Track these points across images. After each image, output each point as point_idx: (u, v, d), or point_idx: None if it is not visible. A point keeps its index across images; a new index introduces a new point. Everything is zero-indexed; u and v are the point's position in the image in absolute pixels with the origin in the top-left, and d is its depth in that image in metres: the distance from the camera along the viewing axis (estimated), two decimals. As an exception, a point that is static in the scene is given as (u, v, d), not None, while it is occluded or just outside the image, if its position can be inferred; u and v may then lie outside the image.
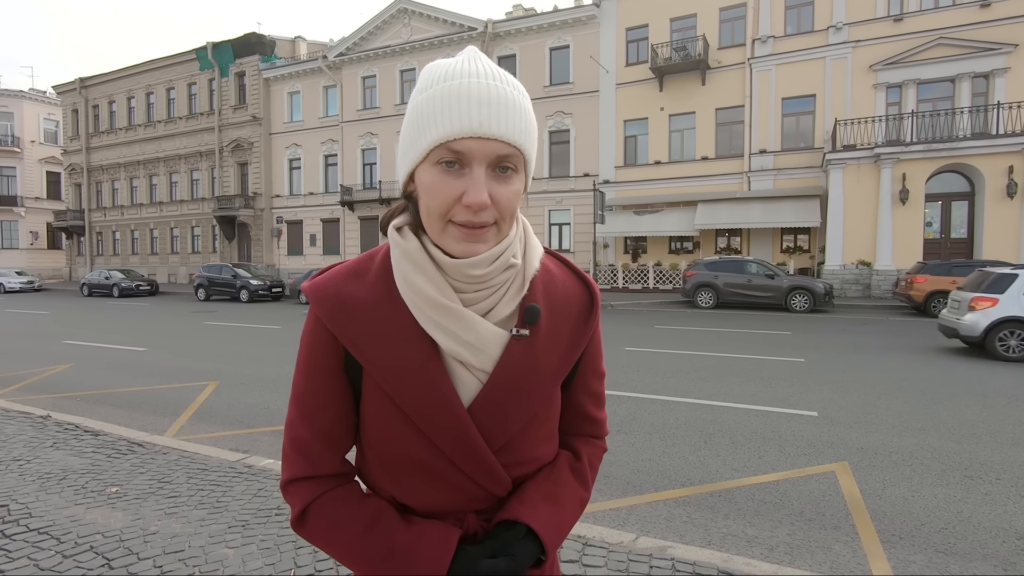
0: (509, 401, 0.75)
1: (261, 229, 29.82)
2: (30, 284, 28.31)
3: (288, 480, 0.78)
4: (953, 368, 7.28)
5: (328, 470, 0.78)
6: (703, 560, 2.54)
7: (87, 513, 3.05)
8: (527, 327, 0.75)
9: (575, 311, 0.81)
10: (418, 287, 0.71)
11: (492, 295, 0.74)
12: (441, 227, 0.69)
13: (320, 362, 0.76)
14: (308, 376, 0.77)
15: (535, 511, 0.76)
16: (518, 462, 0.79)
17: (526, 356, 0.75)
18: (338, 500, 0.77)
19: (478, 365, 0.73)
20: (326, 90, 28.38)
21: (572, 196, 23.07)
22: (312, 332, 0.77)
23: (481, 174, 0.66)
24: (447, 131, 0.66)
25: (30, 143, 38.37)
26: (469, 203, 0.66)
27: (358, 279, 0.76)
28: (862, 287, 17.04)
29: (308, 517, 0.77)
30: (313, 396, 0.77)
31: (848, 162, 17.17)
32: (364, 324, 0.73)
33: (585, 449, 0.88)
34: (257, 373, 7.33)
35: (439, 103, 0.67)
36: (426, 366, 0.72)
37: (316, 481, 0.78)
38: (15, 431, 4.53)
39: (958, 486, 3.59)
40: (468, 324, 0.71)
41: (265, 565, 2.52)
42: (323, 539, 0.77)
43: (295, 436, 0.78)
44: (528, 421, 0.77)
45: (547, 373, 0.77)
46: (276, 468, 3.70)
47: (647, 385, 6.38)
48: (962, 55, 17.38)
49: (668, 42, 21.01)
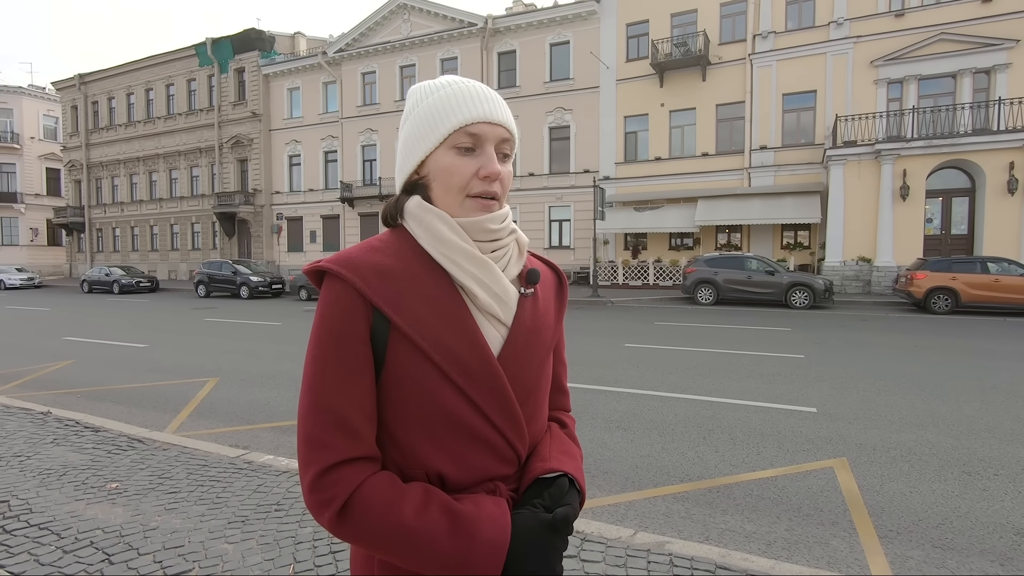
0: (526, 353, 0.84)
1: (261, 226, 29.81)
2: (30, 281, 28.30)
3: (327, 467, 0.72)
4: (953, 364, 7.29)
5: (370, 450, 0.76)
6: (701, 555, 2.54)
7: (87, 509, 3.06)
8: (531, 287, 0.88)
9: (551, 285, 0.96)
10: (455, 243, 0.80)
11: (503, 257, 0.85)
12: (460, 200, 0.81)
13: (351, 329, 0.76)
14: (340, 346, 0.75)
15: (563, 463, 0.85)
16: (533, 415, 0.86)
17: (533, 312, 0.87)
18: (387, 480, 0.75)
19: (501, 318, 0.82)
20: (326, 86, 28.32)
21: (572, 192, 23.05)
22: (338, 301, 0.76)
23: (492, 152, 0.81)
24: (466, 117, 0.79)
25: (29, 139, 38.32)
26: (487, 173, 0.80)
27: (378, 252, 0.81)
28: (862, 283, 17.03)
29: (355, 505, 0.72)
30: (348, 366, 0.75)
31: (849, 158, 17.14)
32: (400, 286, 0.78)
33: (567, 419, 0.99)
34: (257, 369, 7.34)
35: (455, 99, 0.81)
36: (463, 321, 0.79)
37: (362, 463, 0.74)
38: (16, 427, 4.54)
39: (956, 482, 3.60)
40: (497, 277, 0.82)
41: (264, 561, 2.53)
42: (375, 526, 0.72)
43: (332, 416, 0.74)
44: (539, 375, 0.87)
45: (548, 329, 0.89)
46: (276, 464, 3.71)
47: (646, 381, 6.38)
48: (963, 51, 17.33)
49: (669, 38, 20.96)
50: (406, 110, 0.87)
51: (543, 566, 0.74)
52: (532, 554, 0.74)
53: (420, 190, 0.84)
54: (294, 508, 3.04)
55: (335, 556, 2.55)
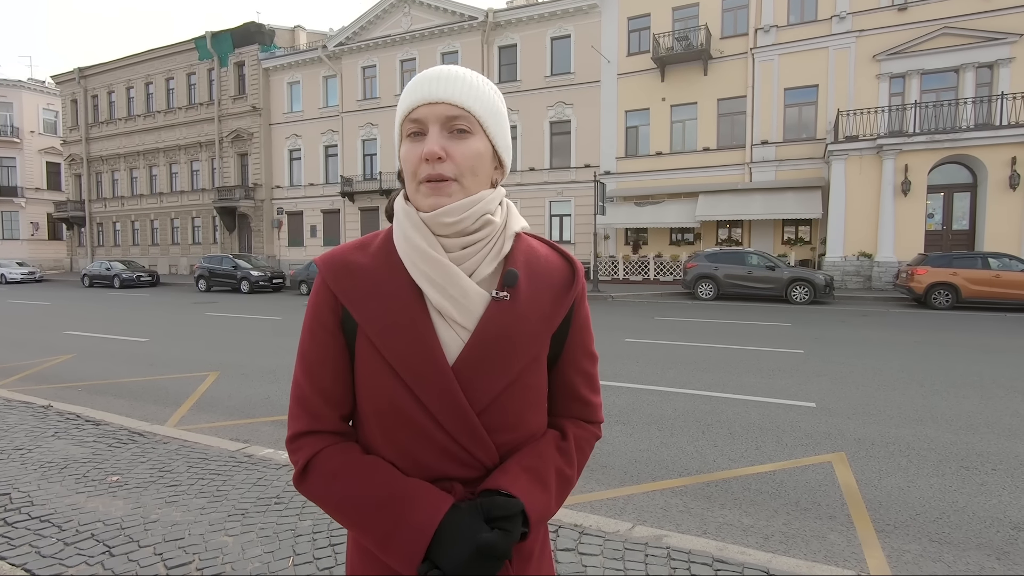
0: (490, 360, 0.80)
1: (261, 220, 29.80)
2: (31, 275, 28.33)
3: (292, 436, 0.84)
4: (952, 360, 7.29)
5: (329, 426, 0.84)
6: (698, 549, 2.56)
7: (88, 501, 3.08)
8: (506, 290, 0.82)
9: (556, 281, 0.87)
10: (414, 241, 0.80)
11: (475, 255, 0.81)
12: (415, 187, 0.80)
13: (322, 320, 0.84)
14: (311, 334, 0.85)
15: (516, 481, 0.79)
16: (503, 426, 0.82)
17: (506, 317, 0.81)
18: (339, 452, 0.82)
19: (461, 321, 0.80)
20: (326, 80, 28.23)
21: (573, 187, 23.00)
22: (316, 294, 0.85)
23: (435, 132, 0.78)
24: (408, 104, 0.80)
25: (29, 133, 38.21)
26: (424, 154, 0.77)
27: (362, 250, 0.86)
28: (863, 279, 17.02)
29: (310, 470, 0.81)
30: (314, 353, 0.84)
31: (850, 153, 17.09)
32: (363, 285, 0.82)
33: (573, 430, 0.90)
34: (257, 364, 7.36)
35: (406, 91, 0.83)
36: (414, 322, 0.80)
37: (318, 436, 0.83)
38: (17, 421, 4.56)
39: (954, 476, 3.61)
40: (454, 278, 0.79)
41: (264, 553, 2.54)
42: (323, 490, 0.80)
43: (299, 393, 0.85)
44: (510, 383, 0.81)
45: (527, 336, 0.82)
46: (276, 458, 3.73)
47: (646, 376, 6.39)
48: (966, 45, 17.24)
49: (670, 32, 20.86)
50: None
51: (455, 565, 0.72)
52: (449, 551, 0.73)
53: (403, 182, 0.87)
54: (294, 501, 3.06)
55: (334, 549, 2.57)
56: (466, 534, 0.73)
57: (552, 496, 0.82)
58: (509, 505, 0.75)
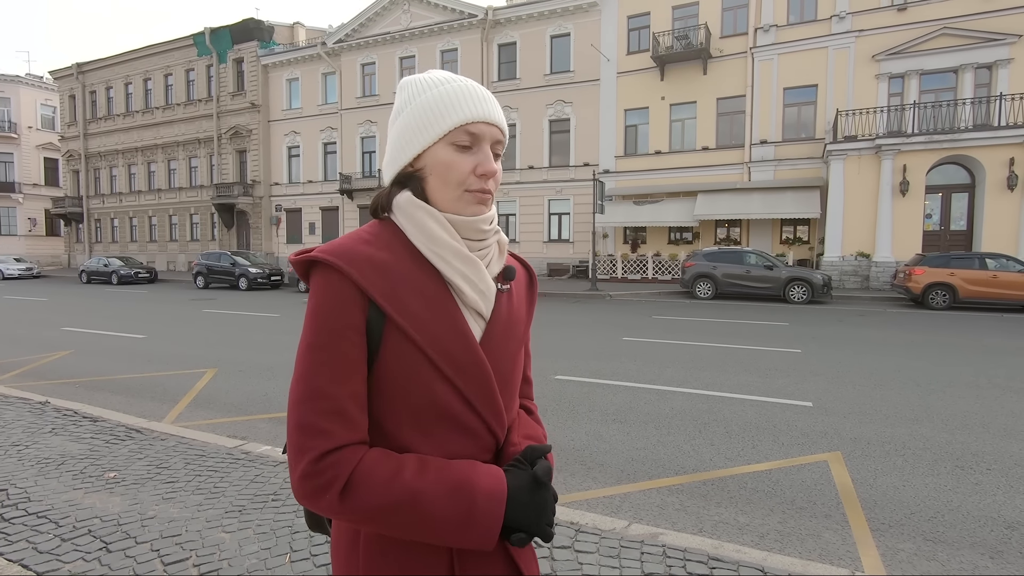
0: (503, 346, 0.89)
1: (260, 217, 29.75)
2: (28, 271, 28.29)
3: (324, 453, 0.74)
4: (949, 360, 7.31)
5: (363, 435, 0.78)
6: (694, 547, 2.57)
7: (85, 498, 3.08)
8: (507, 283, 0.92)
9: (523, 283, 1.00)
10: (446, 241, 0.83)
11: (488, 254, 0.89)
12: (457, 195, 0.84)
13: (349, 319, 0.77)
14: (335, 336, 0.77)
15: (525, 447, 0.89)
16: (509, 404, 0.91)
17: (509, 307, 0.91)
18: (382, 456, 0.77)
19: (483, 312, 0.87)
20: (325, 77, 28.18)
21: (572, 185, 23.00)
22: (334, 292, 0.77)
23: (489, 152, 0.85)
24: (467, 116, 0.82)
25: (27, 129, 38.11)
26: (485, 172, 0.83)
27: (372, 245, 0.82)
28: (861, 279, 17.05)
29: (355, 484, 0.74)
30: (344, 356, 0.77)
31: (849, 153, 17.12)
32: (394, 279, 0.80)
33: (532, 406, 1.05)
34: (255, 361, 7.36)
35: (456, 97, 0.83)
36: (452, 314, 0.83)
37: (357, 447, 0.77)
38: (14, 416, 4.55)
39: (949, 476, 3.62)
40: (483, 274, 0.86)
41: (261, 549, 2.55)
42: (379, 496, 0.74)
43: (329, 405, 0.75)
44: (513, 366, 0.91)
45: (522, 323, 0.95)
46: (273, 455, 3.73)
47: (643, 375, 6.41)
48: (965, 45, 17.26)
49: (670, 30, 20.85)
50: (400, 103, 0.87)
51: (539, 514, 0.80)
52: (528, 503, 0.80)
53: (414, 183, 0.86)
54: (291, 498, 3.06)
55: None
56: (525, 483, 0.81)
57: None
58: (543, 448, 0.85)
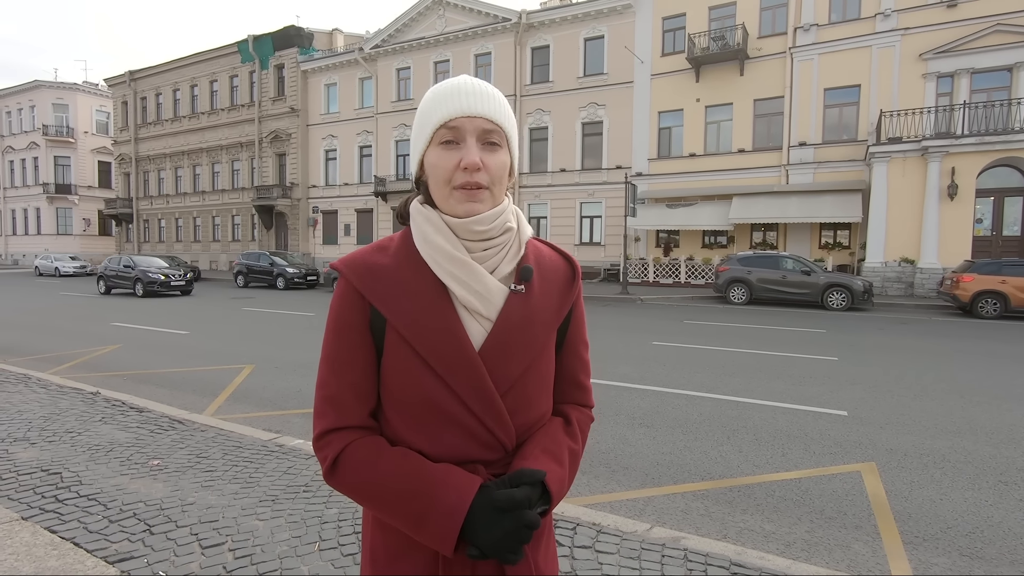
0: (511, 347, 0.88)
1: (298, 218, 30.56)
2: (83, 269, 29.84)
3: (321, 433, 0.87)
4: (996, 371, 6.99)
5: (357, 421, 0.87)
6: (716, 552, 2.55)
7: (131, 483, 3.25)
8: (522, 284, 0.90)
9: (561, 278, 0.97)
10: (438, 244, 0.86)
11: (496, 255, 0.89)
12: (447, 192, 0.86)
13: (349, 320, 0.88)
14: (338, 335, 0.88)
15: (536, 461, 0.87)
16: (520, 408, 0.89)
17: (523, 308, 0.89)
18: (367, 444, 0.86)
19: (484, 313, 0.87)
20: (362, 82, 28.77)
21: (604, 188, 22.86)
22: (341, 296, 0.89)
23: (472, 143, 0.85)
24: (446, 113, 0.85)
25: (83, 134, 40.19)
26: (466, 164, 0.83)
27: (382, 252, 0.91)
28: (904, 285, 16.42)
29: (340, 463, 0.85)
30: (343, 352, 0.88)
31: (893, 155, 16.51)
32: (388, 284, 0.87)
33: (575, 414, 0.99)
34: (290, 358, 7.58)
35: (438, 98, 0.87)
36: (443, 316, 0.86)
37: (347, 431, 0.87)
38: (68, 405, 4.83)
39: (991, 491, 3.48)
40: (477, 275, 0.86)
41: (292, 538, 2.65)
42: (353, 481, 0.84)
43: (327, 392, 0.88)
44: (527, 368, 0.89)
45: (540, 325, 0.91)
46: (305, 448, 3.86)
47: (672, 379, 6.34)
48: (1020, 43, 16.45)
49: (706, 31, 20.53)
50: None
51: (497, 539, 0.78)
52: (488, 525, 0.79)
53: (423, 188, 0.91)
54: (321, 490, 3.17)
55: (358, 536, 2.66)
56: (485, 506, 0.79)
57: (567, 471, 0.90)
58: (533, 474, 0.82)
